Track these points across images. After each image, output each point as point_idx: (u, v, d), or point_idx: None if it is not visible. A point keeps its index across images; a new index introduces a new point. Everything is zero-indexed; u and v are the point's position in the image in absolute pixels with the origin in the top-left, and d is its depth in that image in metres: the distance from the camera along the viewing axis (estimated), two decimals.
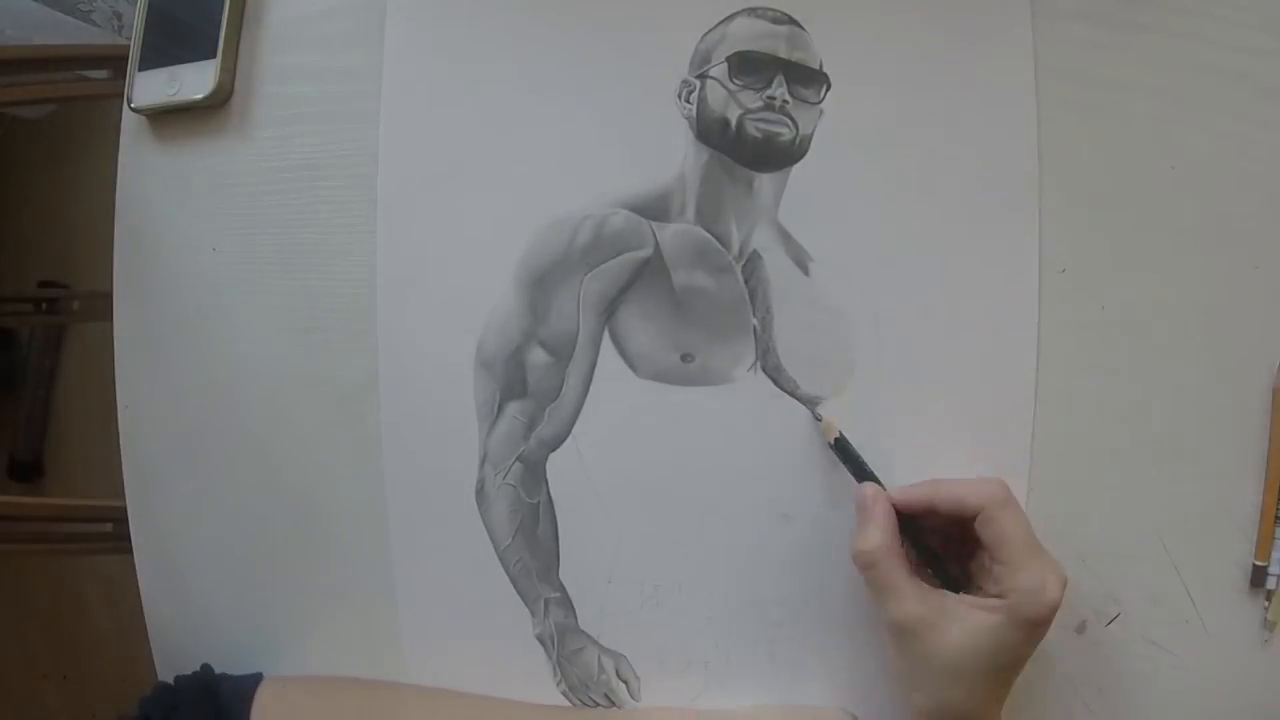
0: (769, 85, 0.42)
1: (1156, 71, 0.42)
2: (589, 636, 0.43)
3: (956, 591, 0.38)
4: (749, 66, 0.42)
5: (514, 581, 0.44)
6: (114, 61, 0.72)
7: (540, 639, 0.44)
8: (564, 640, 0.43)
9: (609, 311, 0.43)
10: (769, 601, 0.42)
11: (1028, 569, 0.36)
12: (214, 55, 0.47)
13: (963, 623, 0.36)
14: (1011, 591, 0.36)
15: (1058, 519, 0.41)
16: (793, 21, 0.43)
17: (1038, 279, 0.41)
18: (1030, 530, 0.37)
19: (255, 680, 0.44)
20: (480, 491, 0.44)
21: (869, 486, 0.39)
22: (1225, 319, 0.41)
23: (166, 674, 0.47)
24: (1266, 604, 0.41)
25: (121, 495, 0.50)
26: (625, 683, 0.43)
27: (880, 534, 0.38)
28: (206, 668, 0.45)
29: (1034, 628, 0.36)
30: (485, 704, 0.44)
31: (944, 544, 0.39)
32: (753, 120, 0.42)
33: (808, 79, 0.42)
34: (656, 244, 0.43)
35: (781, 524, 0.42)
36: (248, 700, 0.42)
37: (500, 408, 0.44)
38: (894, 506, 0.39)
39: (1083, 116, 0.42)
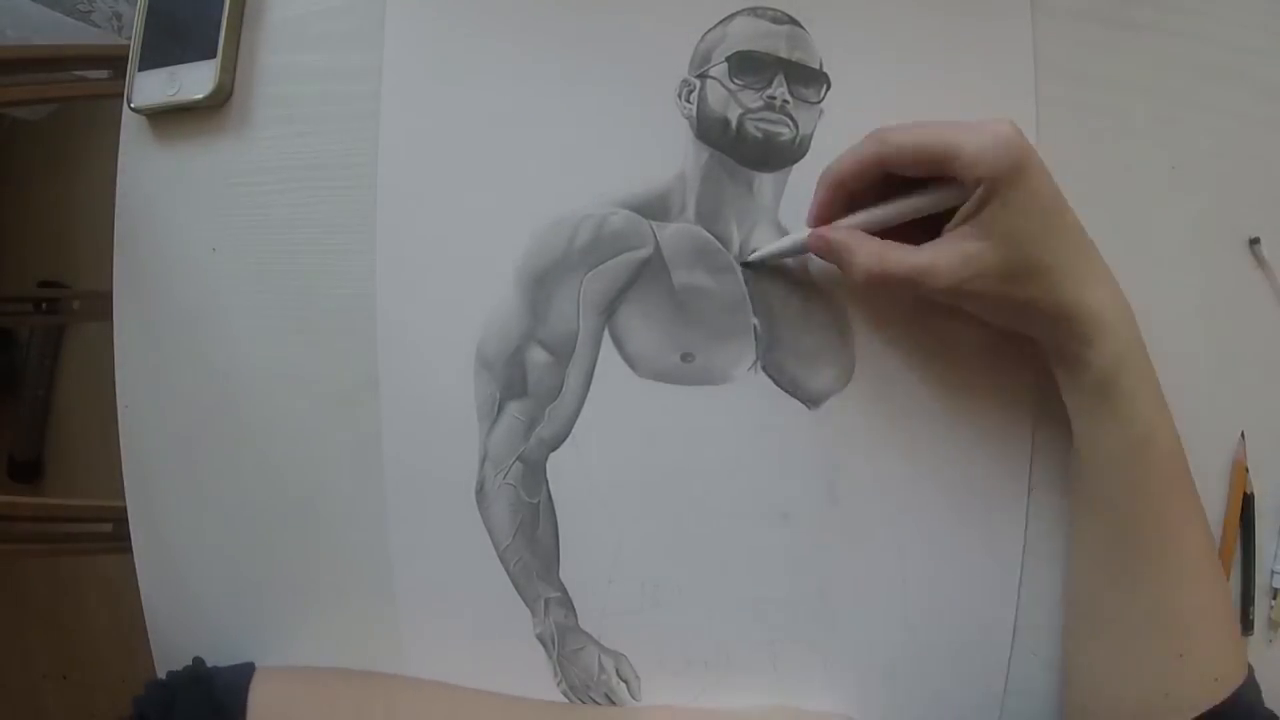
0: (769, 85, 0.42)
1: (1156, 71, 0.42)
2: (589, 636, 0.43)
3: None
4: (749, 66, 0.42)
5: (514, 581, 0.44)
6: (114, 61, 0.72)
7: (540, 638, 0.44)
8: (564, 640, 0.43)
9: (609, 311, 0.43)
10: (769, 601, 0.42)
11: (961, 145, 0.34)
12: (214, 55, 0.47)
13: (979, 236, 0.35)
14: (974, 171, 0.34)
15: (1058, 519, 0.41)
16: (793, 21, 0.43)
17: None
18: (936, 122, 0.36)
19: (248, 671, 0.44)
20: (480, 491, 0.44)
21: (813, 234, 0.39)
22: (1225, 318, 0.41)
23: (165, 674, 0.47)
24: (1272, 603, 0.41)
25: (121, 495, 0.50)
26: (625, 682, 0.43)
27: (859, 250, 0.37)
28: (198, 660, 0.45)
29: (1018, 170, 0.34)
30: (477, 697, 0.44)
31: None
32: (753, 120, 0.42)
33: (808, 79, 0.42)
34: (656, 243, 0.43)
35: (782, 523, 0.42)
36: (243, 691, 0.42)
37: (500, 407, 0.44)
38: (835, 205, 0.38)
39: (1083, 116, 0.42)
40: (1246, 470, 0.41)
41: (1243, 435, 0.41)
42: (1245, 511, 0.41)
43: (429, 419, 0.44)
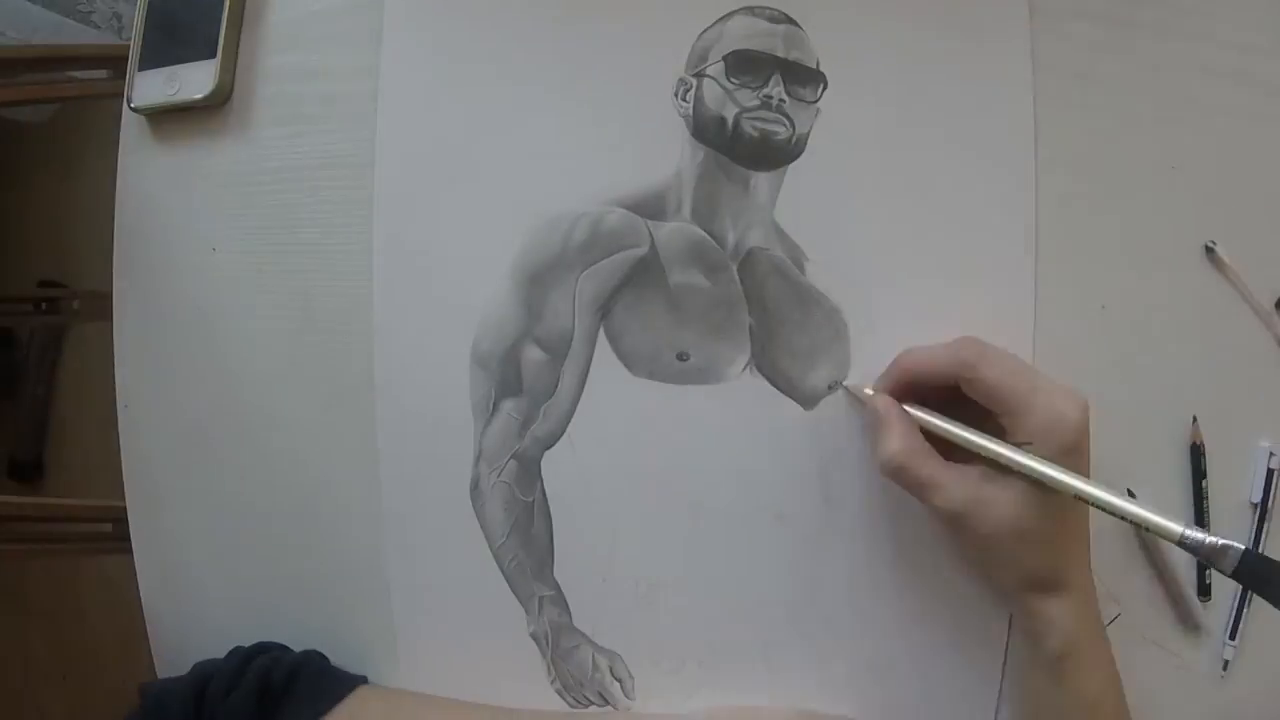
0: (766, 84, 0.42)
1: (1156, 71, 0.42)
2: (583, 635, 0.43)
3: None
4: (746, 65, 0.42)
5: (508, 579, 0.44)
6: (114, 61, 0.72)
7: (534, 637, 0.44)
8: (558, 638, 0.43)
9: (604, 310, 0.43)
10: (763, 601, 0.42)
11: (1032, 409, 0.35)
12: (214, 55, 0.47)
13: (1005, 488, 0.35)
14: (1033, 434, 0.35)
15: None
16: (790, 20, 0.43)
17: (1035, 279, 0.41)
18: (1022, 368, 0.36)
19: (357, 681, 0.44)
20: (475, 489, 0.44)
21: (878, 397, 0.39)
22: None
23: (166, 674, 0.47)
24: (1229, 643, 0.41)
25: (121, 495, 0.50)
26: (619, 681, 0.43)
27: (898, 438, 0.37)
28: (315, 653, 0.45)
29: (1069, 459, 0.34)
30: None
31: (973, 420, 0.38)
32: (749, 119, 0.42)
33: (805, 78, 0.42)
34: (652, 242, 0.43)
35: (776, 523, 0.42)
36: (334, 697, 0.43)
37: (495, 405, 0.44)
38: (896, 401, 0.38)
39: (1082, 116, 0.42)
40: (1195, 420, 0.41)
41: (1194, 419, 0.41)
42: (1195, 462, 0.41)
43: (424, 417, 0.44)
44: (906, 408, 0.38)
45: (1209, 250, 0.41)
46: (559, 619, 0.43)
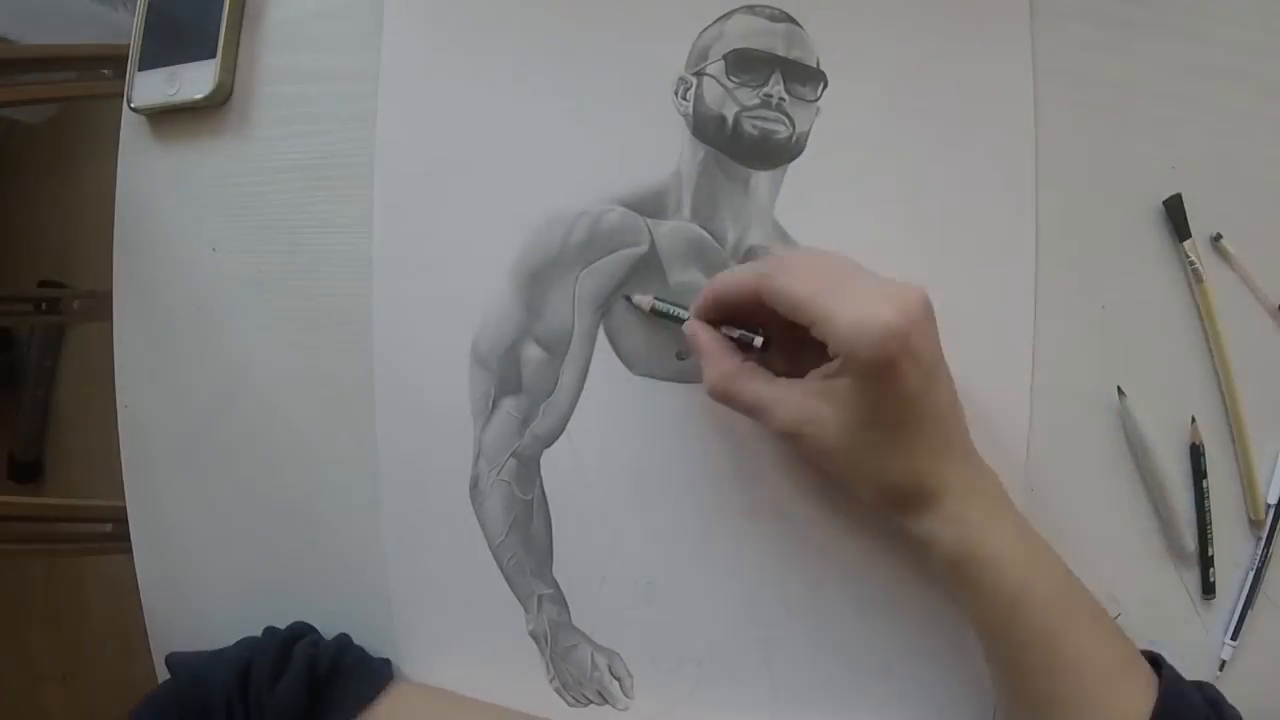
0: (766, 83, 0.42)
1: (1156, 71, 0.42)
2: (582, 633, 0.43)
3: None
4: (746, 64, 0.42)
5: (507, 578, 0.44)
6: (114, 61, 0.72)
7: (533, 635, 0.44)
8: (557, 637, 0.43)
9: (604, 308, 0.43)
10: (762, 600, 0.42)
11: (831, 316, 0.32)
12: (214, 55, 0.47)
13: (828, 398, 0.34)
14: (836, 343, 0.32)
15: (1057, 518, 0.41)
16: (790, 19, 0.43)
17: (1035, 278, 0.41)
18: (830, 272, 0.34)
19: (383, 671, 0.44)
20: (474, 487, 0.44)
21: (690, 323, 0.39)
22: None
23: (165, 674, 0.47)
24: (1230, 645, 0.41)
25: (121, 495, 0.51)
26: (618, 680, 0.43)
27: (715, 362, 0.37)
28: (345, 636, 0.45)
29: (882, 366, 0.32)
30: None
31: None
32: (749, 118, 0.42)
33: (805, 77, 0.42)
34: (652, 241, 0.43)
35: (775, 522, 0.42)
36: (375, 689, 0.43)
37: (495, 404, 0.44)
38: (711, 322, 0.38)
39: (1082, 116, 0.42)
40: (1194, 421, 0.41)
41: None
42: (1195, 462, 0.41)
43: (424, 415, 0.45)
44: (725, 328, 0.38)
45: (1215, 240, 0.41)
46: (558, 617, 0.43)
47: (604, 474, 0.43)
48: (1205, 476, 0.40)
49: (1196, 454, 0.41)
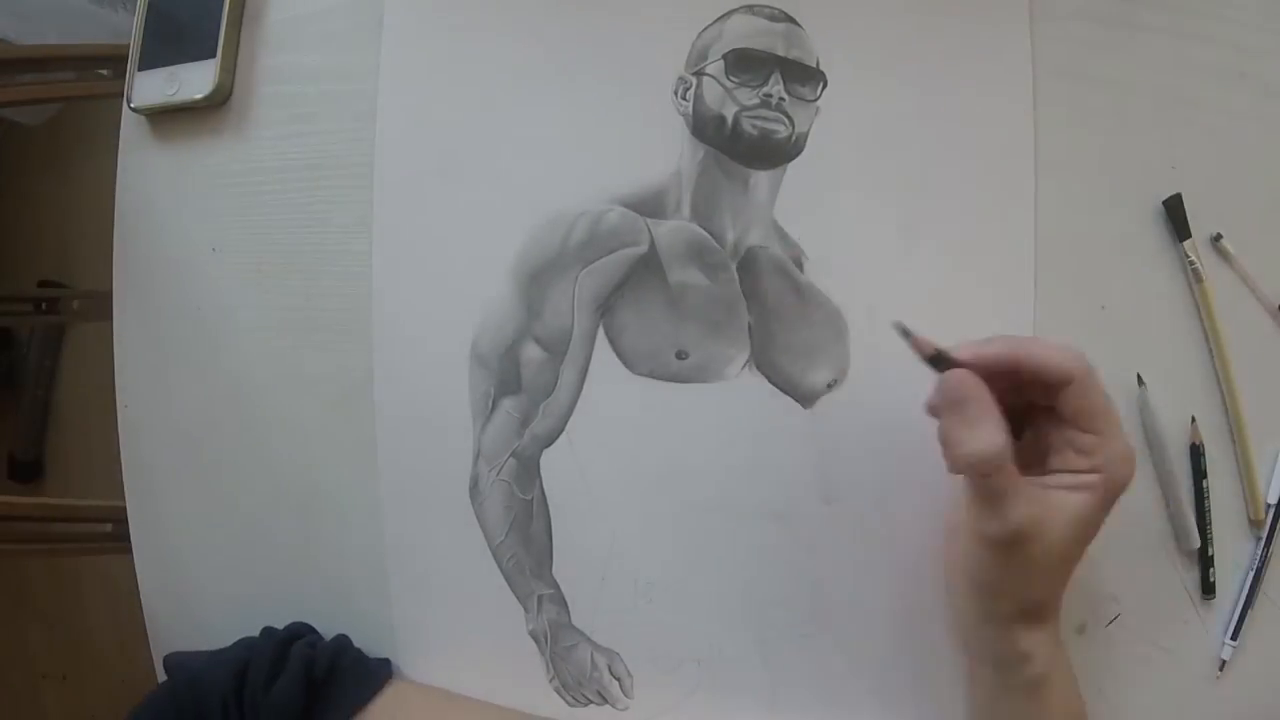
0: (765, 83, 0.42)
1: (1156, 71, 0.42)
2: (582, 633, 0.43)
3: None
4: (746, 64, 0.42)
5: (507, 578, 0.44)
6: (113, 62, 0.72)
7: (533, 635, 0.44)
8: (557, 637, 0.43)
9: (604, 308, 0.43)
10: (762, 600, 0.42)
11: (1118, 436, 0.33)
12: (214, 55, 0.47)
13: (1065, 511, 0.33)
14: (1108, 463, 0.33)
15: None
16: (790, 19, 0.43)
17: (1035, 278, 0.41)
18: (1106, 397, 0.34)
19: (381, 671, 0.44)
20: (474, 487, 0.44)
21: (967, 375, 0.33)
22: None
23: (165, 673, 0.47)
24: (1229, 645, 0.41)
25: (121, 495, 0.51)
26: (618, 680, 0.43)
27: (998, 430, 0.32)
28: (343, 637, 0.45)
29: (1116, 497, 0.33)
30: None
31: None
32: (749, 117, 0.42)
33: (804, 77, 0.42)
34: (652, 240, 0.43)
35: (775, 522, 0.42)
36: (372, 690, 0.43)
37: (495, 403, 0.44)
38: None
39: (1082, 116, 0.42)
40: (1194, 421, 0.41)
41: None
42: (1195, 462, 0.41)
43: (424, 415, 0.45)
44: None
45: (1215, 240, 0.41)
46: (558, 617, 0.43)
47: (604, 474, 0.43)
48: (1205, 476, 0.40)
49: (1196, 454, 0.41)
